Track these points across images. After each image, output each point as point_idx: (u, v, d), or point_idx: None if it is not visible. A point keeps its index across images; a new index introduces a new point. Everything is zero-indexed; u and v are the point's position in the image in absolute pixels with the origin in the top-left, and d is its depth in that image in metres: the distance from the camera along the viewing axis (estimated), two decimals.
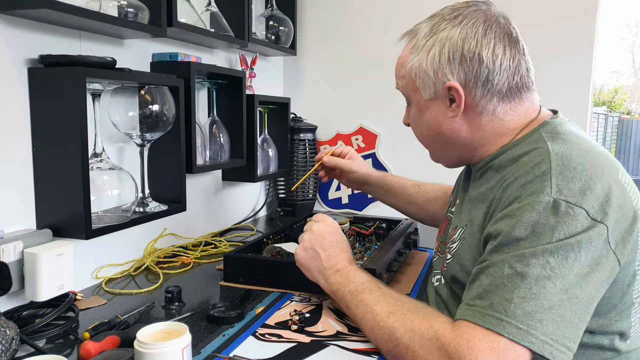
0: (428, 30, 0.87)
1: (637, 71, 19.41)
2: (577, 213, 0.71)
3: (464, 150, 0.92)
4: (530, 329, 0.69)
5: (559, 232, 0.71)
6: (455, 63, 0.84)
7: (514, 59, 0.84)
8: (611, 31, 18.21)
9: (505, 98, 0.86)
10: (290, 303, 1.04)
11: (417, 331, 0.75)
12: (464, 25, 0.84)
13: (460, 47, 0.83)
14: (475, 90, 0.84)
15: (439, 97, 0.87)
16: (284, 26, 1.86)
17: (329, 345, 0.87)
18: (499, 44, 0.83)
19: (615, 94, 17.81)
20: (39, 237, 1.00)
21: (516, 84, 0.85)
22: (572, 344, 0.70)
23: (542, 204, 0.72)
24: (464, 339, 0.70)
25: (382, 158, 2.01)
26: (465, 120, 0.88)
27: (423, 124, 0.93)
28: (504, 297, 0.71)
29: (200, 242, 1.49)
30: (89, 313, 1.01)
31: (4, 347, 0.75)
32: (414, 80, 0.89)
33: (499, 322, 0.69)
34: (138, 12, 1.14)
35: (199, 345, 0.86)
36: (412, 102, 0.93)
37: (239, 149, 1.56)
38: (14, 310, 0.96)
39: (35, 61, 1.01)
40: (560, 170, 0.75)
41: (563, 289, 0.70)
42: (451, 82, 0.84)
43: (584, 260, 0.71)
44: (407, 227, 1.40)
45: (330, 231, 1.02)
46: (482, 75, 0.83)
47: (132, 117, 1.18)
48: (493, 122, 0.87)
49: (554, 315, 0.69)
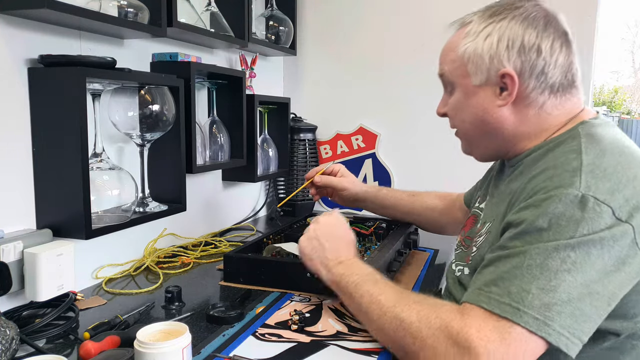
0: (486, 17, 0.87)
1: (637, 71, 19.40)
2: (604, 211, 0.71)
3: (504, 143, 0.91)
4: (547, 320, 0.68)
5: (582, 227, 0.70)
6: (514, 51, 0.84)
7: (568, 57, 0.85)
8: (611, 31, 18.14)
9: (555, 93, 0.86)
10: (290, 303, 1.04)
11: (425, 320, 0.74)
12: (526, 17, 0.84)
13: (521, 36, 0.83)
14: (529, 80, 0.84)
15: (489, 84, 0.87)
16: (284, 26, 1.86)
17: (329, 345, 0.87)
18: (557, 40, 0.84)
19: (615, 94, 17.81)
20: (39, 237, 1.00)
21: (567, 80, 0.86)
22: (586, 337, 0.70)
23: (570, 197, 0.72)
24: (474, 328, 0.70)
25: (382, 158, 2.01)
26: (512, 110, 0.87)
27: (467, 110, 0.91)
28: (522, 287, 0.70)
29: (200, 242, 1.49)
30: (89, 313, 1.01)
31: (4, 347, 0.75)
32: (465, 64, 0.88)
33: (516, 311, 0.69)
34: (138, 12, 1.14)
35: (199, 345, 0.86)
36: (458, 87, 0.91)
37: (239, 149, 1.56)
38: (14, 310, 0.96)
39: (35, 61, 1.01)
40: (591, 169, 0.74)
41: (584, 283, 0.69)
42: (507, 69, 0.84)
43: (607, 258, 0.70)
44: (407, 227, 1.40)
45: (335, 224, 1.03)
46: (538, 67, 0.84)
47: (132, 117, 1.18)
48: (539, 116, 0.87)
49: (573, 309, 0.69)
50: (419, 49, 1.88)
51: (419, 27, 1.89)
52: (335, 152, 2.07)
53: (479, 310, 0.71)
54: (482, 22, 0.87)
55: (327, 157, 2.08)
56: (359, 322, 0.91)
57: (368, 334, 0.90)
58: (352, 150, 2.05)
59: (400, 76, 1.94)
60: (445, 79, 0.94)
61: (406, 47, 1.92)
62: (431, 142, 1.90)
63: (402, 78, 1.94)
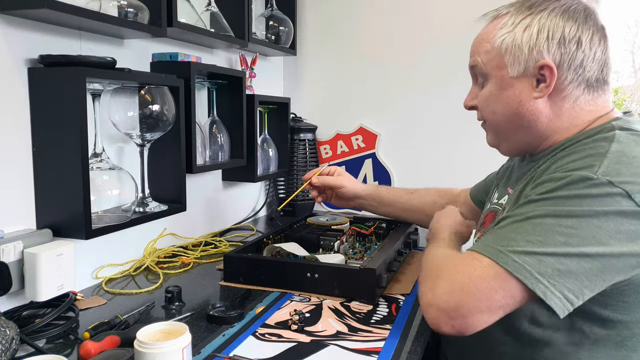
0: (525, 9, 0.86)
1: (637, 71, 19.37)
2: (617, 192, 0.72)
3: (536, 136, 0.90)
4: (525, 265, 0.72)
5: (588, 203, 0.72)
6: (554, 42, 0.83)
7: (605, 51, 0.85)
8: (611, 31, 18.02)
9: (590, 87, 0.86)
10: (290, 303, 1.04)
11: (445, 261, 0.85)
12: (566, 10, 0.84)
13: (562, 27, 0.83)
14: (567, 73, 0.84)
15: (527, 76, 0.86)
16: (284, 26, 1.86)
17: (329, 345, 0.87)
18: (597, 34, 0.84)
19: (615, 94, 17.80)
20: (39, 237, 1.00)
21: (603, 76, 0.86)
22: (572, 296, 0.72)
23: (583, 178, 0.74)
24: (464, 262, 0.78)
25: (382, 158, 2.01)
26: (548, 103, 0.87)
27: (501, 102, 0.90)
28: (511, 236, 0.75)
29: (200, 242, 1.49)
30: (89, 313, 1.01)
31: (4, 347, 0.75)
32: (502, 55, 0.87)
33: (498, 253, 0.74)
34: (138, 12, 1.14)
35: (199, 345, 0.86)
36: (492, 79, 0.90)
37: (239, 149, 1.56)
38: (14, 310, 0.96)
39: (35, 61, 1.01)
40: (618, 156, 0.76)
41: (575, 246, 0.71)
42: (546, 60, 0.83)
43: (612, 230, 0.71)
44: (407, 227, 1.40)
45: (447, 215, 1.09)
46: (577, 59, 0.83)
47: (132, 117, 1.18)
48: (573, 110, 0.87)
49: (555, 262, 0.72)
50: (420, 49, 1.88)
51: (419, 27, 1.89)
52: (335, 152, 2.07)
53: (471, 252, 0.79)
54: (520, 13, 0.86)
55: (327, 157, 2.08)
56: (359, 322, 0.91)
57: (368, 334, 0.90)
58: (352, 150, 2.05)
59: (400, 76, 1.94)
60: (478, 70, 0.93)
61: (406, 47, 1.92)
62: (431, 142, 1.90)
63: (402, 78, 1.94)
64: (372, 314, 0.99)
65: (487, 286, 0.74)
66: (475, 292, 0.75)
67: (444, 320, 0.77)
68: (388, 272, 1.12)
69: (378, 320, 0.96)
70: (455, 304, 0.76)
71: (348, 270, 1.06)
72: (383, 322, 0.96)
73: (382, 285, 1.06)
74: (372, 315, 0.98)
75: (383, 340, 0.88)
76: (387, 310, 1.01)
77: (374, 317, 0.98)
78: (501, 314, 0.76)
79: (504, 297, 0.74)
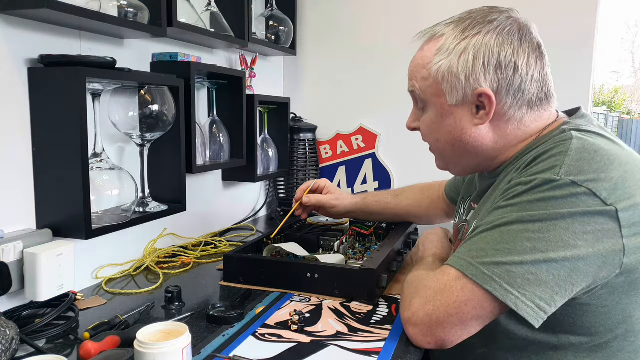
0: (459, 32, 0.84)
1: (637, 71, 19.40)
2: (581, 192, 0.72)
3: (484, 159, 0.90)
4: (494, 276, 0.73)
5: (553, 205, 0.73)
6: (491, 69, 0.82)
7: (543, 69, 0.85)
8: (611, 31, 18.10)
9: (534, 106, 0.85)
10: (290, 303, 1.04)
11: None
12: (500, 32, 0.82)
13: (497, 53, 0.81)
14: (506, 98, 0.83)
15: (466, 103, 0.85)
16: (284, 26, 1.86)
17: (329, 345, 0.86)
18: (532, 55, 0.83)
19: (615, 94, 17.80)
20: (39, 237, 1.00)
21: (544, 94, 0.86)
22: (544, 305, 0.72)
23: (547, 181, 0.74)
24: (435, 278, 0.81)
25: (382, 158, 2.01)
26: (491, 128, 0.86)
27: (442, 130, 0.89)
28: (480, 247, 0.76)
29: (200, 242, 1.49)
30: (89, 313, 1.01)
31: (4, 347, 0.75)
32: (439, 83, 0.86)
33: (468, 265, 0.76)
34: (138, 12, 1.14)
35: (199, 345, 0.86)
36: (431, 106, 0.89)
37: (239, 149, 1.56)
38: (14, 310, 0.96)
39: (35, 61, 1.01)
40: (579, 153, 0.76)
41: (542, 251, 0.72)
42: (483, 88, 0.82)
43: (579, 231, 0.71)
44: (407, 227, 1.40)
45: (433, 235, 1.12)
46: (515, 84, 0.82)
47: (132, 117, 1.17)
48: (518, 130, 0.87)
49: (524, 272, 0.72)
50: None
51: (419, 27, 1.88)
52: (335, 152, 2.07)
53: (444, 267, 0.81)
54: (455, 37, 0.84)
55: (327, 157, 2.08)
56: (358, 322, 0.92)
57: (368, 334, 0.90)
58: (352, 150, 2.05)
59: (400, 76, 1.93)
60: (417, 95, 0.92)
61: (407, 47, 1.91)
62: None
63: (402, 78, 1.93)
64: (372, 314, 0.99)
65: (456, 299, 0.76)
66: (444, 306, 0.77)
67: (420, 337, 0.81)
68: (388, 272, 1.12)
69: (378, 320, 0.96)
70: (428, 320, 0.79)
71: (348, 271, 1.06)
72: (383, 322, 0.96)
73: (382, 286, 1.06)
74: (372, 316, 0.98)
75: (383, 341, 0.88)
76: (387, 311, 1.01)
77: (374, 317, 0.98)
78: (476, 326, 0.77)
79: (474, 308, 0.75)
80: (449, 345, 0.78)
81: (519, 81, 0.82)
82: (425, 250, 1.06)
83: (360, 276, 1.04)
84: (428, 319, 0.78)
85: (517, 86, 0.82)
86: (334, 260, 1.14)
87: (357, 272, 1.05)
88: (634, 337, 0.81)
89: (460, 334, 0.77)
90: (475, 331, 0.77)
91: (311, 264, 1.10)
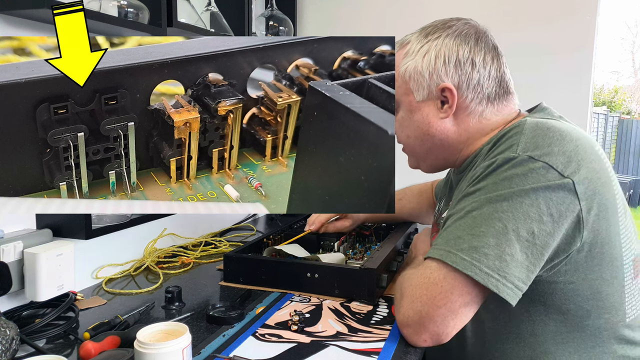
0: (422, 37, 0.93)
1: (637, 71, 19.39)
2: (539, 166, 0.77)
3: (450, 152, 0.96)
4: (474, 261, 0.76)
5: (517, 182, 0.77)
6: (450, 66, 0.89)
7: (500, 69, 0.92)
8: (611, 31, 18.09)
9: (493, 101, 0.92)
10: (290, 303, 1.04)
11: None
12: (458, 34, 0.90)
13: (456, 52, 0.89)
14: (467, 92, 0.90)
15: (431, 99, 0.92)
16: (284, 26, 1.86)
17: (329, 346, 0.87)
18: (488, 54, 0.90)
19: (615, 94, 17.80)
20: (39, 237, 1.00)
21: (503, 89, 0.92)
22: (522, 284, 0.76)
23: (506, 159, 0.79)
24: (418, 274, 0.82)
25: None
26: (454, 121, 0.92)
27: (412, 126, 0.96)
28: (456, 234, 0.79)
29: (200, 242, 1.49)
30: (89, 313, 1.01)
31: (4, 347, 0.75)
32: (407, 82, 0.93)
33: (447, 254, 0.78)
34: (138, 12, 1.14)
35: (199, 345, 0.86)
36: (402, 105, 0.96)
37: None
38: (14, 310, 0.96)
39: None
40: (533, 130, 0.81)
41: (514, 230, 0.75)
42: (446, 83, 0.89)
43: (544, 207, 0.76)
44: (407, 227, 1.40)
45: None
46: (474, 79, 0.89)
47: None
48: (480, 123, 0.92)
49: (501, 252, 0.75)
50: None
51: (419, 27, 1.88)
52: None
53: (425, 260, 0.83)
54: (419, 42, 0.92)
55: None
56: (358, 322, 0.92)
57: (368, 335, 0.90)
58: None
59: None
60: None
61: None
62: None
63: None
64: (372, 314, 0.99)
65: (441, 290, 0.78)
66: (431, 299, 0.78)
67: (415, 337, 0.82)
68: (388, 272, 1.12)
69: (378, 320, 0.96)
70: (418, 317, 0.80)
71: (348, 271, 1.06)
72: (383, 322, 0.96)
73: (382, 286, 1.06)
74: (372, 316, 0.98)
75: (383, 341, 0.88)
76: (387, 311, 1.01)
77: (374, 317, 0.98)
78: (467, 313, 0.79)
79: (460, 295, 0.77)
80: (445, 338, 0.80)
81: (477, 77, 0.89)
82: (417, 251, 1.09)
83: (360, 276, 1.04)
84: (418, 317, 0.80)
85: (475, 81, 0.89)
86: (335, 259, 1.14)
87: (357, 272, 1.05)
88: (607, 314, 0.83)
89: (453, 324, 0.79)
90: (467, 319, 0.80)
91: (311, 263, 1.10)
